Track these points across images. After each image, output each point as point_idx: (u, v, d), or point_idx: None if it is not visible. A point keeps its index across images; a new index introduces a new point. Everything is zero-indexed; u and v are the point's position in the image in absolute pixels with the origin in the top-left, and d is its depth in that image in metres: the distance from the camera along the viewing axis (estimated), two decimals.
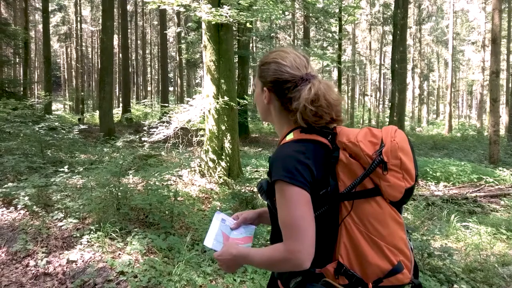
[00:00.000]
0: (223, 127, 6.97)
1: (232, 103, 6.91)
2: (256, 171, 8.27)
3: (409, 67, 29.71)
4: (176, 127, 7.69)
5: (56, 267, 3.42)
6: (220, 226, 1.46)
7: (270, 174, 1.20)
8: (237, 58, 16.08)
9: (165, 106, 10.94)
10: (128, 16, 26.27)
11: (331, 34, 17.54)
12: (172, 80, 40.48)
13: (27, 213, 4.52)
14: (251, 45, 22.27)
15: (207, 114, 7.15)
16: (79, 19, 30.28)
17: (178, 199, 5.31)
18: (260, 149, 13.70)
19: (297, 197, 1.12)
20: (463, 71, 44.68)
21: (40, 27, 27.54)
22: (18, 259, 3.54)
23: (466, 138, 20.32)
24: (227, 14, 6.31)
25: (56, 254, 3.63)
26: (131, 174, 5.96)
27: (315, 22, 16.86)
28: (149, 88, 40.77)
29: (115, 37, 25.44)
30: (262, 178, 7.47)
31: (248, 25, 7.62)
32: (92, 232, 3.99)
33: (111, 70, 14.14)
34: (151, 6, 6.97)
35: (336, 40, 18.01)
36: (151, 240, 3.90)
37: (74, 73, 34.60)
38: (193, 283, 3.21)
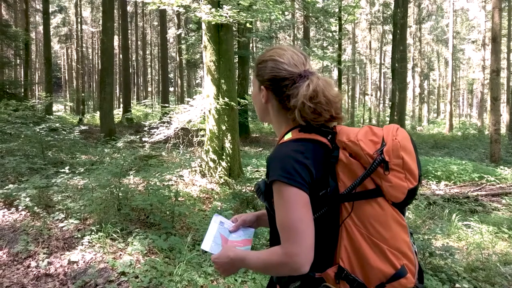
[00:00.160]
0: (224, 127, 6.97)
1: (232, 103, 6.91)
2: (256, 171, 8.27)
3: (409, 66, 29.68)
4: (177, 128, 7.69)
5: (57, 268, 3.42)
6: (218, 228, 1.44)
7: (268, 174, 1.17)
8: (237, 58, 16.09)
9: (165, 106, 10.94)
10: (128, 17, 26.29)
11: (331, 33, 17.53)
12: (172, 80, 40.51)
13: (28, 214, 4.52)
14: (251, 45, 22.29)
15: (208, 114, 7.16)
16: (79, 20, 30.31)
17: (179, 199, 5.31)
18: (260, 149, 13.71)
19: (295, 198, 1.08)
20: (464, 70, 44.67)
21: (41, 28, 27.59)
22: (20, 260, 3.54)
23: (467, 137, 20.30)
24: (227, 14, 6.31)
25: (57, 255, 3.63)
26: (132, 174, 5.96)
27: (315, 22, 16.84)
28: (149, 89, 40.82)
29: (116, 38, 25.47)
30: (262, 177, 7.46)
31: (248, 25, 7.61)
32: (93, 233, 3.99)
33: (111, 71, 14.14)
34: (151, 7, 6.97)
35: (336, 40, 18.01)
36: (152, 241, 3.90)
37: (74, 74, 34.63)
38: (194, 283, 3.21)
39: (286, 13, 16.98)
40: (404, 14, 17.62)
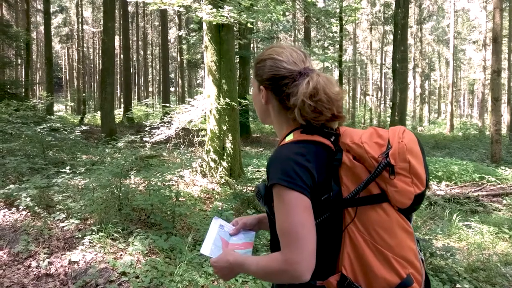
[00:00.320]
0: (225, 127, 6.97)
1: (233, 103, 6.91)
2: (257, 171, 8.28)
3: (410, 66, 29.64)
4: (178, 128, 7.69)
5: (58, 268, 3.43)
6: (218, 231, 1.39)
7: (268, 177, 1.11)
8: (238, 59, 16.09)
9: (166, 106, 10.95)
10: (130, 17, 26.32)
11: (332, 34, 17.54)
12: (173, 80, 40.54)
13: (29, 214, 4.52)
14: (252, 45, 22.29)
15: (209, 114, 7.16)
16: (80, 20, 30.33)
17: (180, 199, 5.31)
18: (261, 149, 13.73)
19: (295, 202, 1.03)
20: (464, 70, 44.65)
21: (42, 28, 27.64)
22: (20, 260, 3.54)
23: (467, 137, 20.28)
24: (228, 14, 6.31)
25: (58, 255, 3.63)
26: (132, 174, 5.97)
27: (316, 22, 16.85)
28: (150, 89, 40.84)
29: (117, 38, 25.45)
30: (263, 178, 7.47)
31: (249, 25, 7.62)
32: (93, 233, 3.99)
33: (112, 71, 14.15)
34: (152, 7, 6.97)
35: (337, 42, 18.02)
36: (153, 241, 3.91)
37: (75, 74, 34.67)
38: (195, 283, 3.21)
39: (287, 13, 16.97)
40: (405, 15, 17.62)
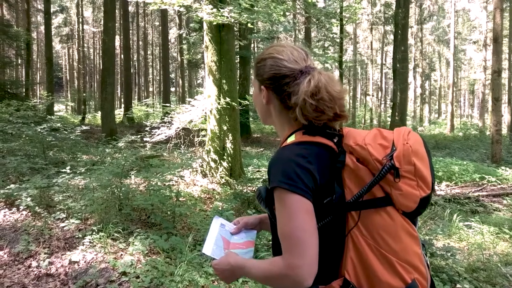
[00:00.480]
0: (225, 127, 6.97)
1: (233, 103, 6.91)
2: (258, 171, 8.27)
3: (410, 66, 29.63)
4: (178, 128, 7.69)
5: (58, 268, 3.43)
6: (219, 231, 1.38)
7: (269, 180, 1.09)
8: (238, 59, 16.09)
9: (166, 106, 10.96)
10: (130, 17, 26.32)
11: (332, 35, 17.55)
12: (173, 80, 40.55)
13: (29, 214, 4.52)
14: (252, 45, 22.29)
15: (209, 114, 7.16)
16: (81, 20, 30.32)
17: (180, 199, 5.31)
18: (262, 149, 13.72)
19: (297, 205, 1.01)
20: (465, 70, 44.61)
21: (42, 28, 27.63)
22: (21, 260, 3.55)
23: (468, 137, 20.26)
24: (228, 14, 6.31)
25: (58, 255, 3.64)
26: (133, 174, 5.97)
27: (316, 23, 16.85)
28: (150, 89, 40.86)
29: (117, 38, 25.44)
30: (263, 178, 7.48)
31: (249, 25, 7.62)
32: (94, 233, 3.99)
33: (113, 71, 14.16)
34: (153, 7, 6.97)
35: (337, 42, 18.03)
36: (153, 241, 3.91)
37: (76, 74, 34.66)
38: (195, 283, 3.21)
39: (288, 13, 16.97)
40: (405, 15, 17.61)
